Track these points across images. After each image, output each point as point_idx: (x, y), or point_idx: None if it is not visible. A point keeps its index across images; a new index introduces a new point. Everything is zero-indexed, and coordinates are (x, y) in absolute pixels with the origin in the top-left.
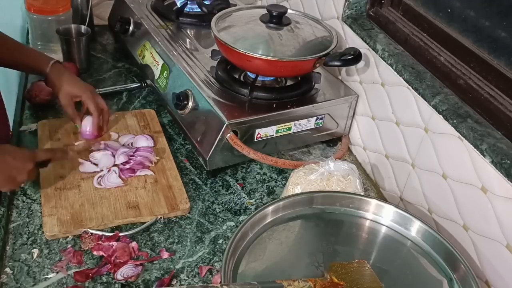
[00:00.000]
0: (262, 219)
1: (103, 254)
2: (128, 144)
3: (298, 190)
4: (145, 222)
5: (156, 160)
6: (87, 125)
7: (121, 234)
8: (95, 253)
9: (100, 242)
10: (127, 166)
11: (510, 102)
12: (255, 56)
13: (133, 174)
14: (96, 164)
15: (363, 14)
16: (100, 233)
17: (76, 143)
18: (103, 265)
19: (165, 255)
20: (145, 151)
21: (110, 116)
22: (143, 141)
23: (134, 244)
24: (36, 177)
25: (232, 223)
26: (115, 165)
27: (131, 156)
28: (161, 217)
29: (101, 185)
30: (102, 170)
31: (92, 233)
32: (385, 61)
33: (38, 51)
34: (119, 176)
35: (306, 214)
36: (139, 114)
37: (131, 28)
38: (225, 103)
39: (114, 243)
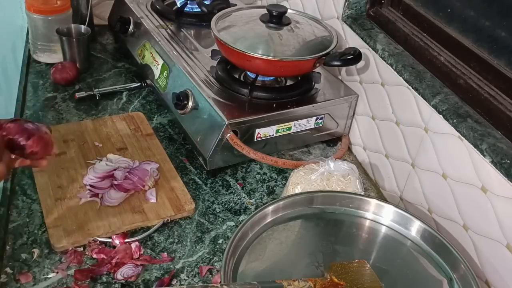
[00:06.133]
0: (262, 219)
1: (104, 257)
2: (126, 166)
3: (298, 190)
4: (151, 226)
5: (151, 185)
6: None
7: (130, 239)
8: (95, 256)
9: (104, 246)
10: (124, 184)
11: (510, 102)
12: (255, 56)
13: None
14: (96, 195)
15: (363, 14)
16: (109, 240)
17: None
18: (103, 265)
19: (166, 260)
20: (142, 173)
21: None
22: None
23: (135, 245)
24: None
25: (232, 223)
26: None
27: (129, 172)
28: (167, 220)
29: (105, 205)
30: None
31: (101, 241)
32: (385, 61)
33: None
34: (119, 190)
35: (306, 214)
36: (128, 117)
37: (131, 28)
38: (225, 103)
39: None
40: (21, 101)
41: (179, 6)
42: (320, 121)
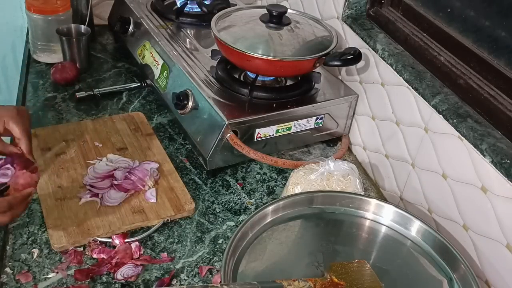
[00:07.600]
0: (262, 219)
1: (104, 257)
2: (126, 166)
3: (298, 190)
4: (151, 226)
5: (151, 185)
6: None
7: (130, 239)
8: (95, 256)
9: (104, 246)
10: (124, 184)
11: (510, 102)
12: (255, 55)
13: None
14: (96, 195)
15: (363, 14)
16: (109, 240)
17: None
18: (103, 265)
19: (166, 260)
20: (142, 173)
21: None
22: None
23: (135, 245)
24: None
25: (232, 223)
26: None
27: (129, 172)
28: (167, 220)
29: (105, 205)
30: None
31: (101, 241)
32: (385, 61)
33: None
34: (119, 190)
35: (306, 214)
36: (128, 117)
37: (131, 28)
38: (225, 103)
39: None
40: (21, 101)
41: (179, 6)
42: (320, 121)
